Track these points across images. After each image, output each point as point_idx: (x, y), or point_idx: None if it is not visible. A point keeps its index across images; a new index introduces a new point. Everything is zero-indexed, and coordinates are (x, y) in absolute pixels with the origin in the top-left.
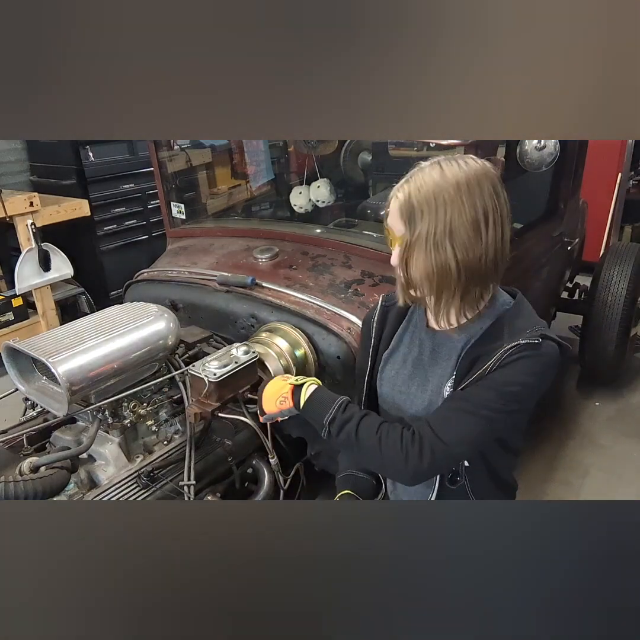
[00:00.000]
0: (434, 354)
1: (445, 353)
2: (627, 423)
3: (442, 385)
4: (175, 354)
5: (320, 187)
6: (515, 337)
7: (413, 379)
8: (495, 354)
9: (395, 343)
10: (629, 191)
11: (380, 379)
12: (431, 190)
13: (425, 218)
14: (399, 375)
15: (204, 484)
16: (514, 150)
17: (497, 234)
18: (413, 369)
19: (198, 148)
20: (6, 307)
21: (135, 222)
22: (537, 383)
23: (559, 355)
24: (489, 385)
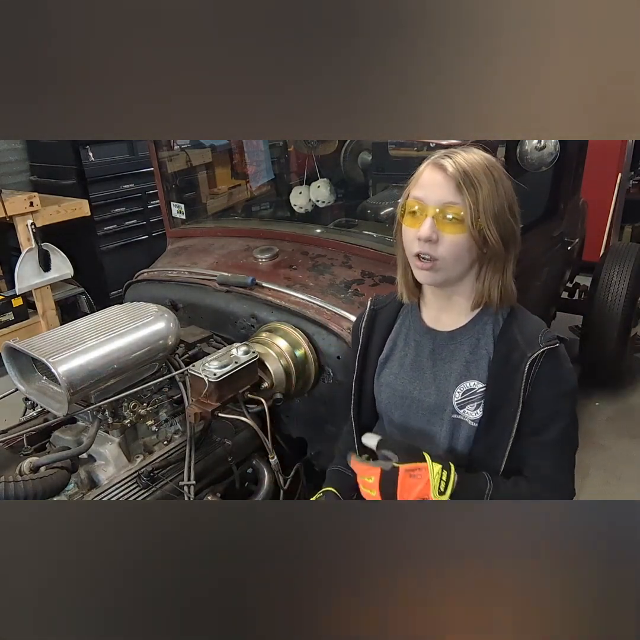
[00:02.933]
0: (433, 355)
1: (447, 354)
2: (627, 423)
3: (449, 389)
4: (175, 354)
5: (320, 187)
6: (532, 344)
7: (413, 383)
8: (521, 365)
9: (390, 347)
10: (629, 191)
11: (378, 384)
12: (481, 164)
13: (485, 187)
14: (398, 380)
15: (204, 484)
16: (514, 150)
17: (517, 226)
18: (412, 372)
19: (198, 148)
20: (6, 307)
21: (136, 222)
22: (573, 389)
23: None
24: (545, 400)
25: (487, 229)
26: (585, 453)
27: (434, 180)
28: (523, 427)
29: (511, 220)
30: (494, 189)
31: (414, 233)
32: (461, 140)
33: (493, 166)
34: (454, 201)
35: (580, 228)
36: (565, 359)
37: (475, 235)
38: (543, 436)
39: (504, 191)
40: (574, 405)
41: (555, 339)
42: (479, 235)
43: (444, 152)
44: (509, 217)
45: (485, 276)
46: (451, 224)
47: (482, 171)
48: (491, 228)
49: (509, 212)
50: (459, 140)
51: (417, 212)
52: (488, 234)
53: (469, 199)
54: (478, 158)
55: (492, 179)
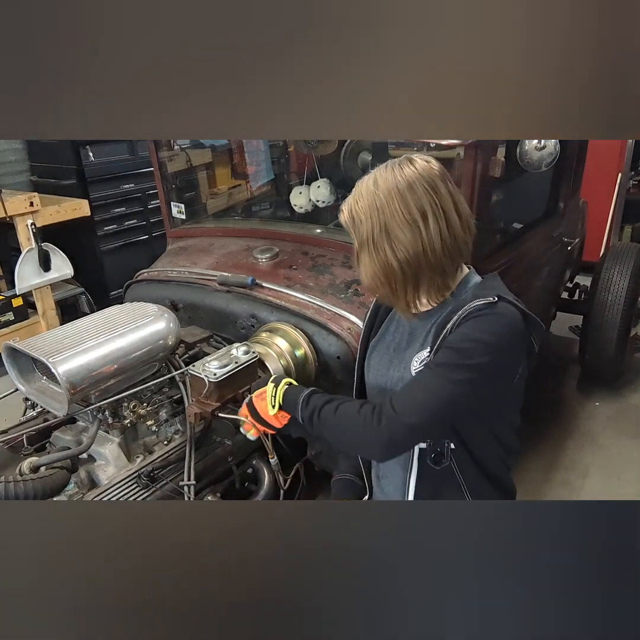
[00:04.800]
0: (410, 337)
1: (418, 334)
2: (627, 423)
3: (410, 362)
4: (175, 354)
5: (320, 187)
6: (466, 304)
7: (392, 362)
8: (453, 317)
9: (382, 332)
10: (629, 191)
11: (367, 367)
12: (366, 200)
13: (364, 224)
14: (382, 362)
15: (204, 484)
16: (514, 150)
17: (441, 226)
18: (394, 354)
19: (198, 148)
20: (6, 307)
21: (136, 222)
22: (494, 342)
23: (524, 324)
24: (444, 347)
25: (370, 257)
26: (585, 453)
27: (342, 223)
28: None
29: (405, 235)
30: (375, 220)
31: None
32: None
33: (383, 194)
34: (353, 240)
35: (580, 228)
36: (495, 320)
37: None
38: (418, 375)
39: (390, 216)
40: (472, 372)
41: (493, 296)
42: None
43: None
44: (399, 235)
45: (415, 283)
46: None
47: (366, 206)
48: (372, 257)
49: (406, 227)
50: (459, 140)
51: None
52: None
53: (355, 238)
54: (371, 189)
55: (376, 208)
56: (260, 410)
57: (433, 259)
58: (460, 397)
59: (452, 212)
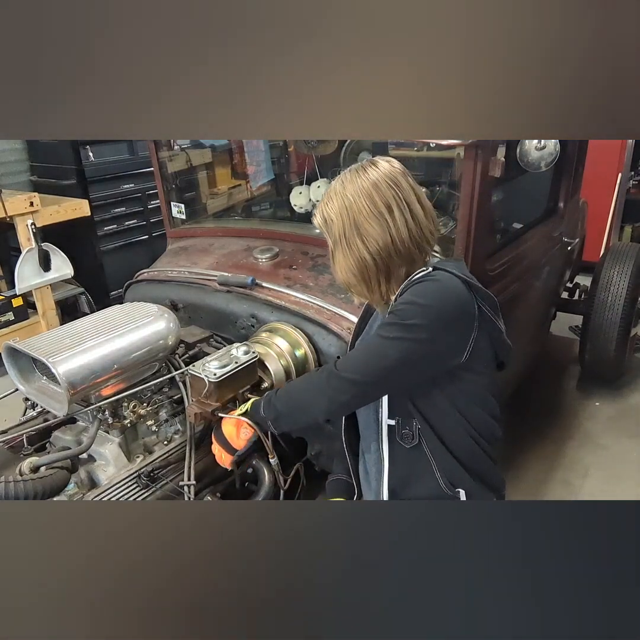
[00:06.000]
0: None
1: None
2: (627, 423)
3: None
4: (175, 354)
5: (320, 187)
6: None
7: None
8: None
9: (367, 330)
10: (629, 191)
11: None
12: (336, 201)
13: (335, 223)
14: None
15: (204, 484)
16: (514, 150)
17: (406, 217)
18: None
19: (198, 148)
20: (6, 307)
21: (136, 222)
22: (428, 304)
23: (468, 293)
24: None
25: (344, 255)
26: (585, 453)
27: (318, 228)
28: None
29: (374, 228)
30: (345, 218)
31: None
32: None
33: (350, 194)
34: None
35: (580, 228)
36: (429, 285)
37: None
38: (366, 339)
39: (358, 212)
40: (407, 331)
41: (429, 267)
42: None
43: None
44: (368, 228)
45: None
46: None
47: (336, 207)
48: (346, 253)
49: (374, 220)
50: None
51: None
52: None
53: (329, 239)
54: (339, 191)
55: (345, 207)
56: (226, 432)
57: (402, 247)
58: (396, 354)
59: (415, 204)
